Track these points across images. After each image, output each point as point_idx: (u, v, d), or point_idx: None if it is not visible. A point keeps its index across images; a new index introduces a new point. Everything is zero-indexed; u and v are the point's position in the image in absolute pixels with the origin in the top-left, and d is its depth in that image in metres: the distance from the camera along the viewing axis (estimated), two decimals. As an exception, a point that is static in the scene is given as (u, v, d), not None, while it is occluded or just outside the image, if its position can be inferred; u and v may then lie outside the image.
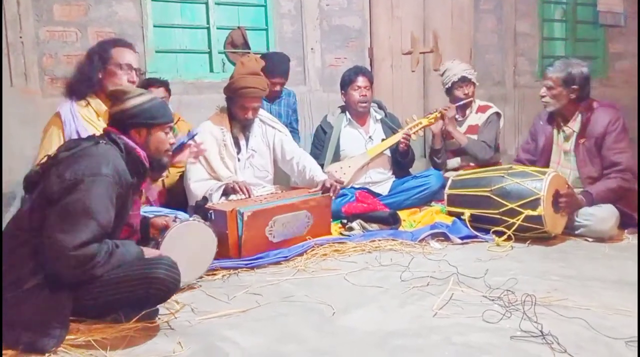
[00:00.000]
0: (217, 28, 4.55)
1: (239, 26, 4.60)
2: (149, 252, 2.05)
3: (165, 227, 2.29)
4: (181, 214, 2.72)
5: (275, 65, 3.93)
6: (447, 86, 4.02)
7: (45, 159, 1.96)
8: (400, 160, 3.86)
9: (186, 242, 2.26)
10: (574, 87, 3.14)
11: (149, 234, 2.33)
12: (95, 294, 1.85)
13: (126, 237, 2.13)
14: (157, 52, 4.31)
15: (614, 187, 3.04)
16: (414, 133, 3.78)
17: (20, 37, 3.76)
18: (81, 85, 2.61)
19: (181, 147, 2.81)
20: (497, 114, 4.01)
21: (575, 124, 3.22)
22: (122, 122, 2.10)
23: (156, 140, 2.15)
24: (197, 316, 2.07)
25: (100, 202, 1.83)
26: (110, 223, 1.88)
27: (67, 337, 1.82)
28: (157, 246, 2.17)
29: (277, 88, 4.01)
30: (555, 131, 3.34)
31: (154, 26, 4.28)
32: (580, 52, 6.21)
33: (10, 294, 1.79)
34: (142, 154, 2.10)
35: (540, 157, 3.38)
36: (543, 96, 3.24)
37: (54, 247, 1.77)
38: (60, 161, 1.91)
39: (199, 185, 3.11)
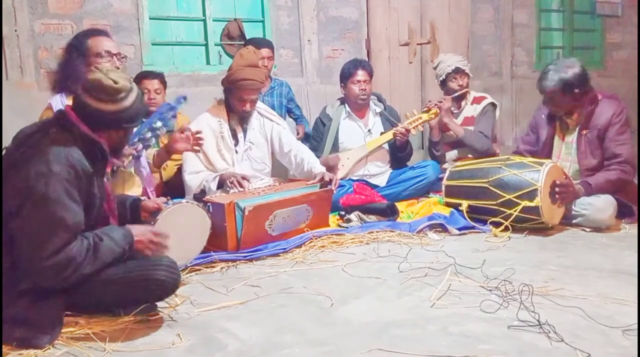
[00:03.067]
0: (214, 20, 4.52)
1: (235, 18, 4.58)
2: (137, 229, 1.96)
3: (158, 210, 2.24)
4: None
5: (261, 41, 3.98)
6: (441, 78, 4.00)
7: (4, 151, 1.87)
8: (399, 154, 3.85)
9: (179, 224, 2.23)
10: (575, 91, 3.08)
11: (141, 217, 2.26)
12: (94, 295, 1.85)
13: (108, 223, 2.06)
14: (153, 44, 4.29)
15: (614, 178, 3.04)
16: (414, 128, 3.76)
17: (15, 30, 3.74)
18: (67, 81, 2.57)
19: (172, 112, 2.68)
20: (493, 105, 4.00)
21: (578, 116, 3.19)
22: (97, 120, 1.88)
23: (123, 141, 2.04)
24: (196, 308, 2.07)
25: (60, 206, 1.74)
26: (80, 219, 1.79)
27: (66, 330, 1.83)
28: None
29: (267, 64, 3.99)
30: (557, 124, 3.30)
31: (150, 18, 4.25)
32: (578, 43, 6.20)
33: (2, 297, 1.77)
34: (103, 141, 1.92)
35: (542, 150, 3.35)
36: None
37: (29, 263, 1.74)
38: (12, 163, 1.81)
39: (192, 177, 3.12)
